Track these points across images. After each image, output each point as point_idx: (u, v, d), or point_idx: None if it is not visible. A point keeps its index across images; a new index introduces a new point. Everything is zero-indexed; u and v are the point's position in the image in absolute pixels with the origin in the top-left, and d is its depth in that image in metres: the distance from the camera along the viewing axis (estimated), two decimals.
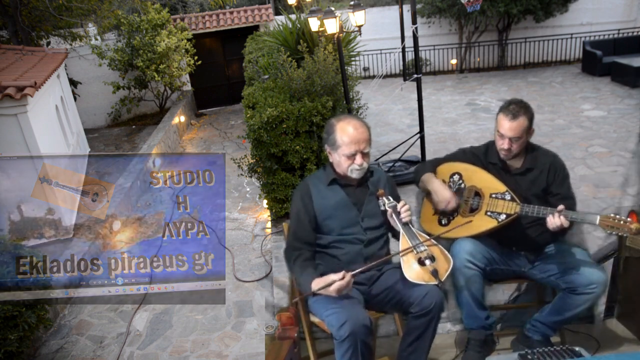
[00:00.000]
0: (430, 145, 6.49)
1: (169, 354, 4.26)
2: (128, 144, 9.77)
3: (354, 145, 2.15)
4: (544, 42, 12.11)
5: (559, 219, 2.11)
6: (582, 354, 1.80)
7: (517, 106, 2.31)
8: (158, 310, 4.85)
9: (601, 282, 2.24)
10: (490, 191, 2.38)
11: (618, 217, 2.03)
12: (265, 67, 6.55)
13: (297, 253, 2.20)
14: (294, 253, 2.21)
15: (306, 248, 2.22)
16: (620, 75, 9.41)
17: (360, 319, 1.97)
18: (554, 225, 2.13)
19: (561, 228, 2.14)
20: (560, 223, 2.11)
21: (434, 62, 12.77)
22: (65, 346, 4.48)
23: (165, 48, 9.67)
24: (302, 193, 2.30)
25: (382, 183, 2.34)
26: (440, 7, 11.73)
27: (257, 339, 4.33)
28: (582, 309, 2.30)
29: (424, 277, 2.04)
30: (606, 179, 5.43)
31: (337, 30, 4.75)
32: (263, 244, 5.79)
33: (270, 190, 5.30)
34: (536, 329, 2.47)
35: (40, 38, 9.97)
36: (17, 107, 5.47)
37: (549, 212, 2.19)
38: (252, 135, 4.93)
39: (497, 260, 2.44)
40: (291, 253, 2.23)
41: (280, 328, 2.20)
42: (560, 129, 7.32)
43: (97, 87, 10.98)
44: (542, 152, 2.45)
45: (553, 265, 2.37)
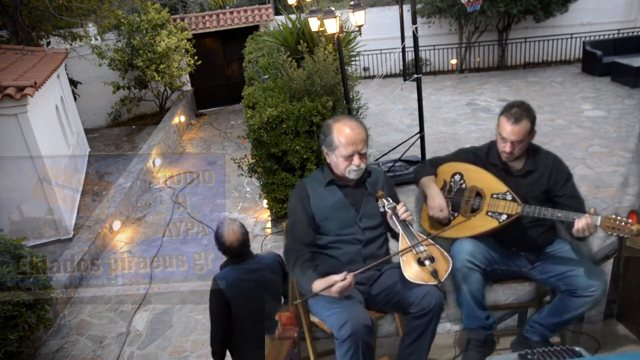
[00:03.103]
0: (430, 145, 6.50)
1: (169, 354, 4.26)
2: (128, 144, 9.77)
3: (351, 146, 2.15)
4: (544, 42, 12.12)
5: (588, 219, 2.06)
6: (582, 354, 1.80)
7: (520, 109, 2.30)
8: (158, 310, 4.85)
9: (601, 285, 2.23)
10: (491, 191, 2.38)
11: (619, 218, 2.02)
12: (265, 67, 6.55)
13: (297, 255, 2.20)
14: (293, 255, 2.21)
15: (306, 249, 2.22)
16: (620, 75, 9.42)
17: (361, 319, 1.96)
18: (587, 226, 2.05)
19: (590, 232, 2.07)
20: (589, 222, 2.05)
21: (434, 62, 12.78)
22: (65, 346, 4.48)
23: (165, 48, 9.67)
24: (300, 194, 2.30)
25: (380, 183, 2.34)
26: (440, 7, 11.73)
27: None
28: (581, 311, 2.29)
29: (424, 277, 2.04)
30: (606, 179, 5.43)
31: (337, 30, 4.75)
32: (263, 244, 5.79)
33: (270, 190, 5.30)
34: (535, 330, 2.46)
35: (40, 38, 9.97)
36: (17, 107, 5.47)
37: (550, 212, 2.19)
38: (252, 135, 4.93)
39: (498, 261, 2.44)
40: (291, 255, 2.22)
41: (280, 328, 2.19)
42: (560, 129, 7.33)
43: (97, 87, 10.98)
44: (544, 154, 2.45)
45: (553, 266, 2.37)
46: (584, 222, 2.07)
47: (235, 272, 2.52)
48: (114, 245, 6.28)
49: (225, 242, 2.50)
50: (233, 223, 2.56)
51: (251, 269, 2.55)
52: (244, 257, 2.57)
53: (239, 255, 2.55)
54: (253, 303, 2.51)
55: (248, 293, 2.50)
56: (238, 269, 2.53)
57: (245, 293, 2.50)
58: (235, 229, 2.51)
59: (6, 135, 5.57)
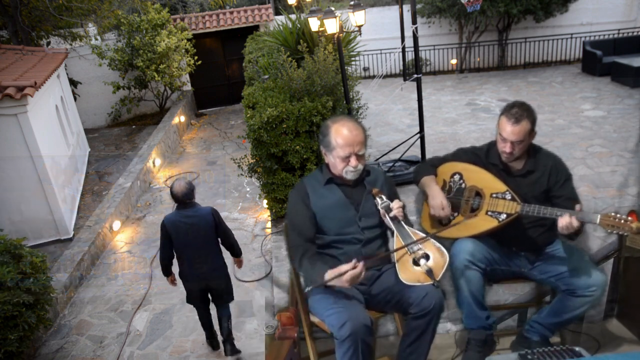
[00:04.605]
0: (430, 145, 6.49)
1: (169, 354, 4.26)
2: (128, 144, 9.77)
3: (348, 147, 2.15)
4: (544, 42, 12.12)
5: (570, 218, 2.08)
6: (582, 354, 1.79)
7: (520, 109, 2.29)
8: (158, 310, 4.85)
9: (600, 285, 2.23)
10: (490, 191, 2.38)
11: (619, 216, 2.02)
12: (265, 67, 6.55)
13: (303, 250, 2.18)
14: (299, 251, 2.19)
15: (309, 244, 2.21)
16: (620, 75, 9.41)
17: (360, 318, 1.96)
18: (568, 225, 2.09)
19: (574, 231, 2.10)
20: (576, 224, 2.07)
21: (434, 62, 12.78)
22: (65, 346, 4.48)
23: (165, 48, 9.67)
24: (300, 193, 2.30)
25: (379, 182, 2.34)
26: (440, 7, 11.73)
27: (257, 339, 4.32)
28: (580, 311, 2.29)
29: (419, 278, 2.03)
30: (606, 179, 5.43)
31: (337, 30, 4.75)
32: (263, 244, 5.79)
33: (270, 190, 5.30)
34: (535, 330, 2.46)
35: (40, 38, 9.97)
36: (17, 107, 5.47)
37: (550, 211, 2.19)
38: (252, 135, 4.93)
39: (498, 261, 2.44)
40: (297, 251, 2.20)
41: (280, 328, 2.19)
42: (560, 129, 7.33)
43: (97, 87, 10.99)
44: (544, 154, 2.45)
45: (553, 266, 2.37)
46: (565, 220, 2.09)
47: (177, 215, 3.59)
48: (114, 245, 6.28)
49: (172, 193, 3.56)
50: (182, 180, 3.65)
51: (187, 215, 3.58)
52: (186, 205, 3.58)
53: (182, 203, 3.57)
54: (188, 237, 3.57)
55: (183, 230, 3.56)
56: (179, 214, 3.58)
57: (181, 230, 3.56)
58: (181, 184, 3.55)
59: (6, 135, 5.57)
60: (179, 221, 3.56)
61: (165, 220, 3.59)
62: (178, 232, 3.57)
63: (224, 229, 3.68)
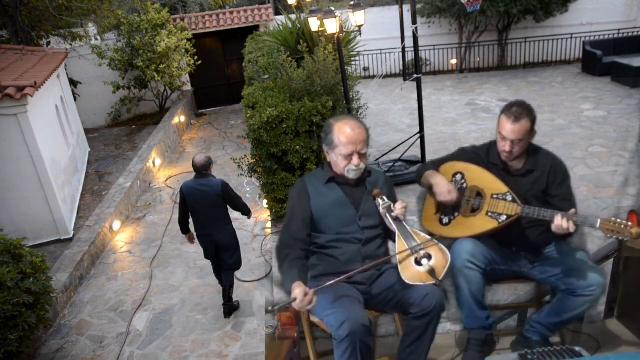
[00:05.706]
0: (430, 145, 6.50)
1: (169, 354, 4.26)
2: (128, 144, 9.77)
3: (351, 145, 2.15)
4: (544, 42, 12.12)
5: (567, 222, 2.08)
6: (582, 354, 1.79)
7: (520, 108, 2.30)
8: (158, 310, 4.85)
9: (600, 284, 2.23)
10: (491, 192, 2.38)
11: (618, 221, 2.02)
12: (265, 67, 6.55)
13: (288, 251, 2.19)
14: (284, 250, 2.20)
15: (297, 245, 2.21)
16: (620, 75, 9.42)
17: (359, 318, 1.96)
18: (560, 227, 2.10)
19: (567, 232, 2.11)
20: (566, 226, 2.08)
21: (434, 62, 12.78)
22: (65, 346, 4.48)
23: (165, 48, 9.67)
24: (300, 191, 2.30)
25: (380, 183, 2.34)
26: (440, 7, 11.74)
27: (257, 338, 4.33)
28: (580, 311, 2.29)
29: (422, 278, 2.03)
30: (606, 179, 5.43)
31: (337, 30, 4.75)
32: (263, 244, 5.79)
33: (270, 190, 5.30)
34: (535, 330, 2.46)
35: (40, 38, 9.97)
36: (17, 107, 5.47)
37: (550, 214, 2.19)
38: (252, 135, 4.93)
39: (498, 261, 2.44)
40: (282, 250, 2.22)
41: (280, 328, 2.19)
42: (560, 129, 7.33)
43: (97, 87, 10.98)
44: (543, 154, 2.45)
45: (553, 266, 2.36)
46: (558, 221, 2.10)
47: (193, 183, 4.27)
48: (114, 245, 6.28)
49: (193, 163, 4.27)
50: (202, 154, 4.38)
51: (202, 184, 4.24)
52: (202, 175, 4.25)
53: (198, 172, 4.25)
54: (199, 202, 4.26)
55: (196, 196, 4.24)
56: (195, 182, 4.26)
57: (194, 196, 4.24)
58: (201, 157, 4.28)
59: (6, 135, 5.57)
60: (194, 188, 4.24)
61: (183, 187, 4.28)
62: (191, 197, 4.25)
63: (230, 197, 4.32)
